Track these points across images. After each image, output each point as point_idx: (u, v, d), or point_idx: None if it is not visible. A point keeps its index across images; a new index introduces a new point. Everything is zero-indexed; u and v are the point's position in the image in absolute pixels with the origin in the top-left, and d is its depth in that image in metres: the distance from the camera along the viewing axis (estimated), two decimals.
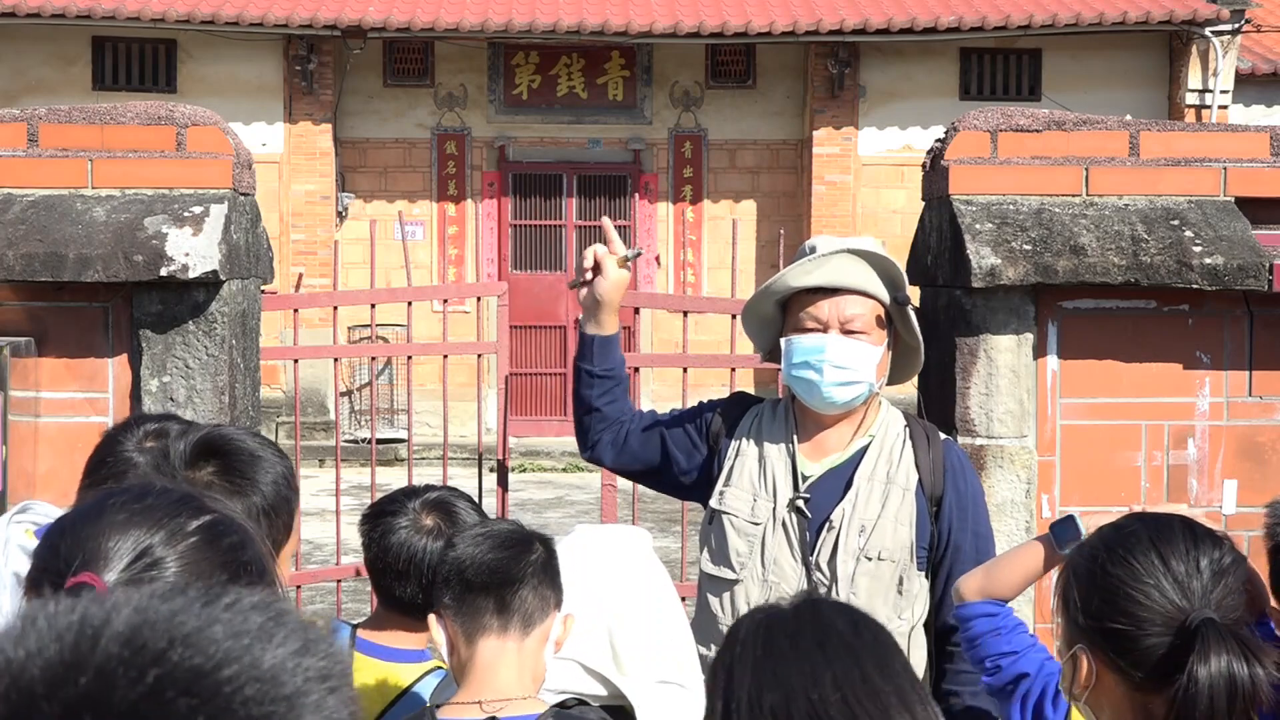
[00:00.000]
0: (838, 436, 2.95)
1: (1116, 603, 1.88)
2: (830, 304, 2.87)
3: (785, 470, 2.92)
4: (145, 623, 0.76)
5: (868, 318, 2.89)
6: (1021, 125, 3.75)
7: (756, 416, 3.03)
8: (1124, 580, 1.88)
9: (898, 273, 2.93)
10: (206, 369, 3.63)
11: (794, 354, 2.89)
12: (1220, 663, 1.79)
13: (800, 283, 2.88)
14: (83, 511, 1.39)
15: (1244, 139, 3.81)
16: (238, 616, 0.79)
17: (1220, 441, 3.70)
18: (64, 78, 15.29)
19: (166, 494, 1.41)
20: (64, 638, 0.75)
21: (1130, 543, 1.92)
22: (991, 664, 2.45)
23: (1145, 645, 1.85)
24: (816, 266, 2.88)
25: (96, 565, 1.32)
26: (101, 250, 3.52)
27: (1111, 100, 15.11)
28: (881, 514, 2.85)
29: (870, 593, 2.82)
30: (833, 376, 2.85)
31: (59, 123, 3.76)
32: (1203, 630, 1.81)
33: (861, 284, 2.88)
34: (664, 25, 14.94)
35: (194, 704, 0.73)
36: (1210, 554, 1.89)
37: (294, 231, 15.41)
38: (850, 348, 2.86)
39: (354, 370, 15.51)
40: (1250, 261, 3.53)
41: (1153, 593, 1.86)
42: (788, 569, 2.84)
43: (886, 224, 15.45)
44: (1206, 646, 1.79)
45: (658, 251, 16.00)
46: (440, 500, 2.74)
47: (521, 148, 16.05)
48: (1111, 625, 1.88)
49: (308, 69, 15.19)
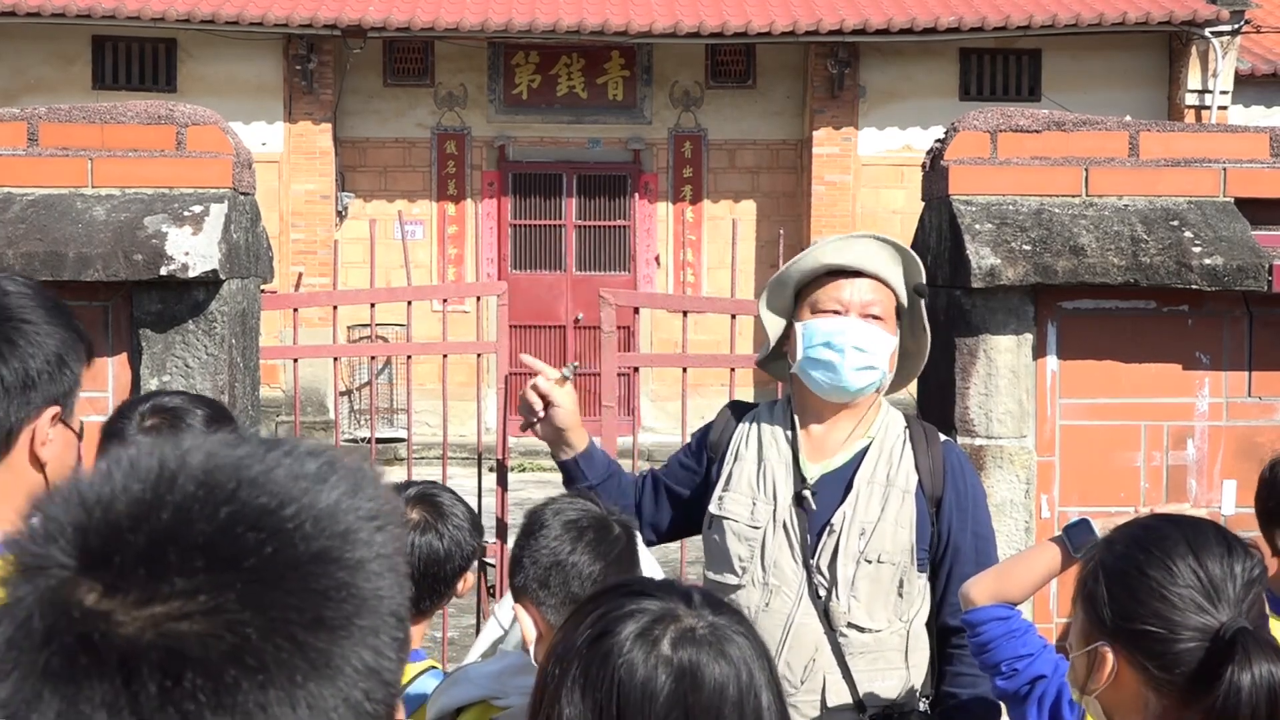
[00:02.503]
0: (838, 435, 2.94)
1: (1150, 604, 1.87)
2: (851, 287, 2.88)
3: (786, 471, 2.91)
4: (216, 466, 0.84)
5: (886, 306, 2.90)
6: (1021, 125, 3.75)
7: (754, 420, 3.02)
8: (1161, 583, 1.87)
9: (916, 267, 2.95)
10: (206, 368, 3.63)
11: (813, 335, 2.88)
12: (1261, 670, 1.79)
13: (830, 259, 2.89)
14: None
15: (1243, 139, 3.81)
16: (296, 462, 0.86)
17: (1219, 442, 3.70)
18: (64, 77, 15.29)
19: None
20: (145, 478, 0.83)
21: (1166, 545, 1.91)
22: (1008, 668, 2.44)
23: (1177, 650, 1.85)
24: (847, 246, 2.90)
25: None
26: (101, 249, 3.52)
27: (1111, 101, 15.10)
28: (881, 517, 2.85)
29: (870, 595, 2.82)
30: (854, 360, 2.84)
31: (59, 122, 3.76)
32: (1240, 639, 1.81)
33: (885, 272, 2.89)
34: (664, 25, 14.94)
35: (261, 538, 0.81)
36: (1243, 562, 1.89)
37: (294, 231, 15.41)
38: (870, 332, 2.87)
39: (354, 370, 15.51)
40: (1250, 262, 3.53)
41: (1190, 597, 1.86)
42: (788, 571, 2.84)
43: (886, 224, 15.44)
44: (1247, 655, 1.80)
45: (657, 251, 16.00)
46: (423, 494, 2.74)
47: (521, 147, 16.04)
48: (1143, 627, 1.88)
49: (308, 68, 15.19)
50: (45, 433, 1.80)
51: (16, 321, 1.78)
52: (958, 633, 2.78)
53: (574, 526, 2.23)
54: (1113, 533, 2.04)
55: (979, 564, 2.81)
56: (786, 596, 2.83)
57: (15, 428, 1.77)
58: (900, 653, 2.84)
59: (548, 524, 2.24)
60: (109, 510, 0.81)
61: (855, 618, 2.80)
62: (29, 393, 1.77)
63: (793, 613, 2.81)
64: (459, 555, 2.68)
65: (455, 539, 2.67)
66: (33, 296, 1.81)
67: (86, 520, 0.81)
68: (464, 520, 2.70)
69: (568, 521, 2.24)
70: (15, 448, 1.78)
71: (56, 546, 0.81)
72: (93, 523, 0.81)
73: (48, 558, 0.81)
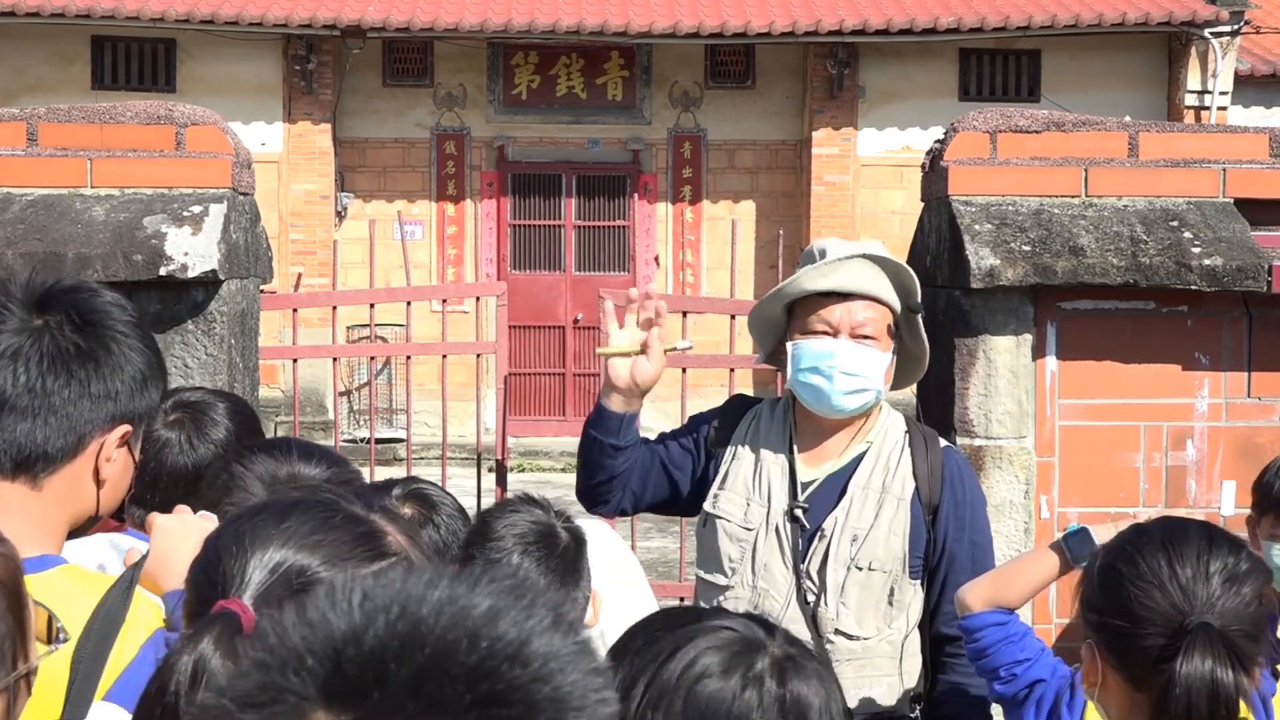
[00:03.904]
0: (837, 442, 2.91)
1: (1118, 600, 1.89)
2: (842, 308, 2.83)
3: (782, 476, 2.89)
4: (455, 602, 0.84)
5: (879, 324, 2.85)
6: (1021, 126, 3.75)
7: (754, 418, 2.99)
8: (1127, 579, 1.89)
9: (910, 279, 2.89)
10: (205, 368, 3.63)
11: (802, 358, 2.84)
12: (1204, 665, 1.79)
13: (815, 286, 2.83)
14: (259, 524, 1.36)
15: (1243, 140, 3.81)
16: (523, 611, 0.86)
17: (1219, 442, 3.70)
18: (63, 77, 15.28)
19: (350, 525, 1.37)
20: (391, 611, 0.83)
21: (1142, 542, 1.93)
22: (1006, 672, 2.44)
23: (1143, 645, 1.85)
24: (832, 270, 2.83)
25: (247, 591, 1.31)
26: (101, 250, 3.52)
27: (1110, 101, 15.09)
28: (875, 523, 2.82)
29: (860, 602, 2.80)
30: (843, 384, 2.80)
31: (58, 122, 3.76)
32: (1193, 632, 1.81)
33: (875, 290, 2.83)
34: (663, 25, 14.94)
35: (518, 677, 0.82)
36: (1224, 559, 1.88)
37: (293, 231, 15.41)
38: (860, 354, 2.81)
39: (353, 370, 15.50)
40: (1249, 263, 3.53)
41: (1155, 593, 1.86)
42: (778, 576, 2.82)
43: (885, 225, 15.45)
44: (1193, 648, 1.80)
45: (657, 252, 16.00)
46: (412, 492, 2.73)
47: (521, 148, 16.04)
48: (1112, 621, 1.89)
49: (307, 69, 15.18)
50: (111, 449, 1.78)
51: (113, 332, 1.76)
52: (952, 641, 2.77)
53: (521, 541, 2.37)
54: (1114, 536, 2.05)
55: (975, 573, 2.77)
56: (774, 601, 2.81)
57: (86, 435, 1.75)
58: (891, 660, 2.82)
59: (499, 535, 2.38)
60: (361, 642, 0.81)
61: (843, 625, 2.79)
62: (108, 404, 1.75)
63: (779, 618, 2.78)
64: (455, 544, 2.69)
65: (450, 528, 2.68)
66: (127, 311, 1.80)
67: (337, 650, 0.81)
68: (453, 509, 2.72)
69: (517, 535, 2.38)
70: (81, 456, 1.76)
71: (294, 674, 0.81)
72: (346, 654, 0.81)
73: (285, 686, 0.80)
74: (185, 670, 1.24)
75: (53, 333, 1.73)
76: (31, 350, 1.72)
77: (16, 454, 1.73)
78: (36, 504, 1.75)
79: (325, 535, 1.35)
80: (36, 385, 1.72)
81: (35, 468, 1.74)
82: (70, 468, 1.76)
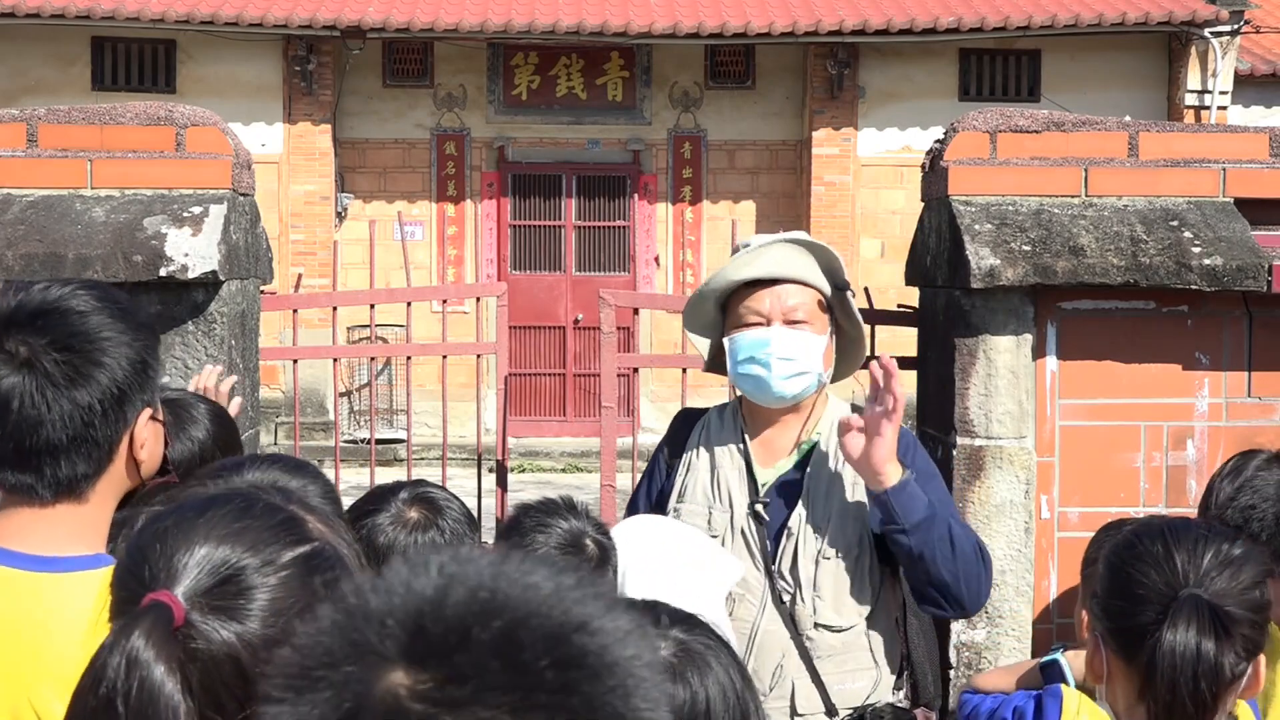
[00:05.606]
0: (788, 435, 2.93)
1: (1117, 583, 1.93)
2: (771, 295, 2.86)
3: (740, 477, 2.91)
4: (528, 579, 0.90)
5: (810, 307, 2.87)
6: (1021, 126, 3.75)
7: (704, 427, 3.02)
8: (1126, 561, 1.94)
9: (835, 260, 2.92)
10: None
11: (739, 351, 2.87)
12: (1188, 634, 1.81)
13: (740, 275, 2.87)
14: (179, 520, 1.36)
15: (1243, 140, 3.81)
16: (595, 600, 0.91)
17: (1219, 442, 3.70)
18: (63, 78, 15.29)
19: (269, 515, 1.38)
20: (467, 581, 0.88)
21: (1144, 531, 1.98)
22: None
23: (1138, 622, 1.88)
24: (755, 258, 2.87)
25: (176, 584, 1.31)
26: (101, 250, 3.52)
27: (1110, 101, 15.11)
28: (835, 512, 2.84)
29: (836, 591, 2.81)
30: (781, 370, 2.83)
31: (58, 123, 3.76)
32: (1181, 603, 1.83)
33: (801, 273, 2.86)
34: (663, 26, 14.94)
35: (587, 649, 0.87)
36: (1218, 545, 1.91)
37: (293, 232, 15.41)
38: (795, 338, 2.84)
39: (353, 371, 15.50)
40: (1249, 262, 3.53)
41: (1150, 571, 1.90)
42: (750, 579, 2.83)
43: (885, 225, 15.46)
44: (1178, 617, 1.82)
45: (657, 252, 16.00)
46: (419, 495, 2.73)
47: (521, 148, 16.04)
48: (1112, 602, 1.93)
49: (307, 69, 15.18)
50: (142, 436, 1.80)
51: (99, 341, 1.75)
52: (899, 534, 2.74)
53: (546, 546, 2.38)
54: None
55: (924, 489, 2.76)
56: (750, 604, 2.83)
57: (115, 442, 1.77)
58: (869, 653, 2.83)
59: (527, 532, 2.42)
60: (443, 606, 0.86)
61: (822, 617, 2.79)
62: (123, 407, 1.77)
63: (758, 620, 2.81)
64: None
65: (456, 531, 2.68)
66: (104, 306, 1.78)
67: (421, 612, 0.86)
68: (460, 513, 2.72)
69: (542, 540, 2.40)
70: (116, 459, 1.79)
71: (375, 634, 0.85)
72: (429, 617, 0.85)
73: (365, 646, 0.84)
74: (119, 665, 1.24)
75: (41, 363, 1.72)
76: (29, 387, 1.71)
77: (55, 487, 1.75)
78: (83, 513, 1.77)
79: (246, 524, 1.35)
80: (51, 421, 1.72)
81: (77, 489, 1.76)
82: (110, 471, 1.79)
